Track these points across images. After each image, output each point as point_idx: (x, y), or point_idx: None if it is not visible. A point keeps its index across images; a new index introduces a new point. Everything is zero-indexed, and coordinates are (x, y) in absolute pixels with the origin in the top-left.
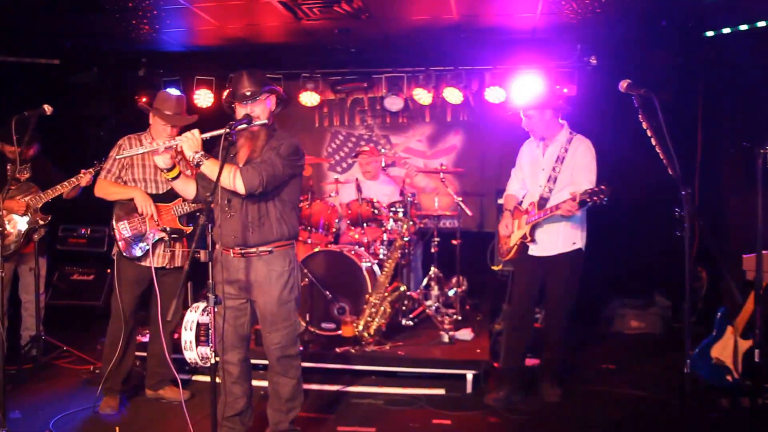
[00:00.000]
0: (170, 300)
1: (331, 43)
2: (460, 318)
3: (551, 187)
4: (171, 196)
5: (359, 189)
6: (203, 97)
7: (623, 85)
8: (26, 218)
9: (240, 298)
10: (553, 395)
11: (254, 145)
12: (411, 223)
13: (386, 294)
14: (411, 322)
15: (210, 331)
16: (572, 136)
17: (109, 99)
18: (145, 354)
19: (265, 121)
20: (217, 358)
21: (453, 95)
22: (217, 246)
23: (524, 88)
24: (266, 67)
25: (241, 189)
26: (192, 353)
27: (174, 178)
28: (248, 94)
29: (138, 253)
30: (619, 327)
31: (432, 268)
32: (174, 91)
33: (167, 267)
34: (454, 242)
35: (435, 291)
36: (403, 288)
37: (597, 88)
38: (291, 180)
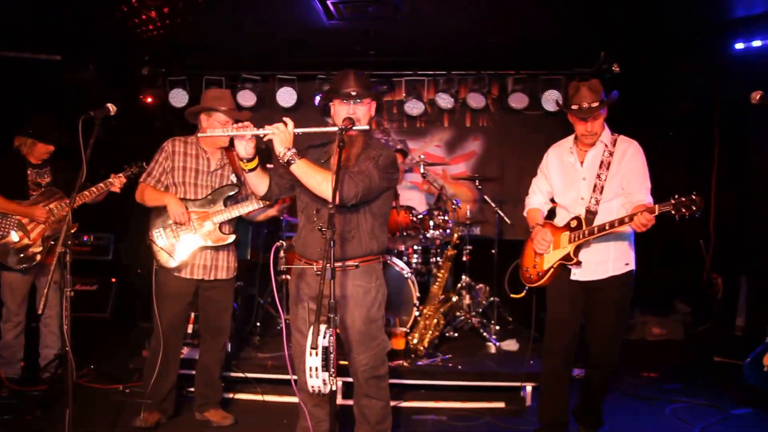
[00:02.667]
0: (221, 315)
1: (350, 45)
2: (497, 327)
3: (598, 198)
4: (210, 202)
5: (396, 196)
6: None
7: (756, 96)
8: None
9: (323, 315)
10: None
11: (349, 152)
12: (458, 230)
13: (439, 305)
14: (455, 333)
15: (331, 355)
16: (615, 137)
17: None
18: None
19: (367, 126)
20: (333, 385)
21: (476, 100)
22: (296, 259)
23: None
24: (280, 68)
25: (336, 199)
26: (317, 381)
27: (252, 170)
28: (353, 94)
29: (174, 263)
30: (640, 334)
31: (463, 277)
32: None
33: (208, 279)
34: (493, 251)
35: (467, 300)
36: (455, 299)
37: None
38: (384, 193)
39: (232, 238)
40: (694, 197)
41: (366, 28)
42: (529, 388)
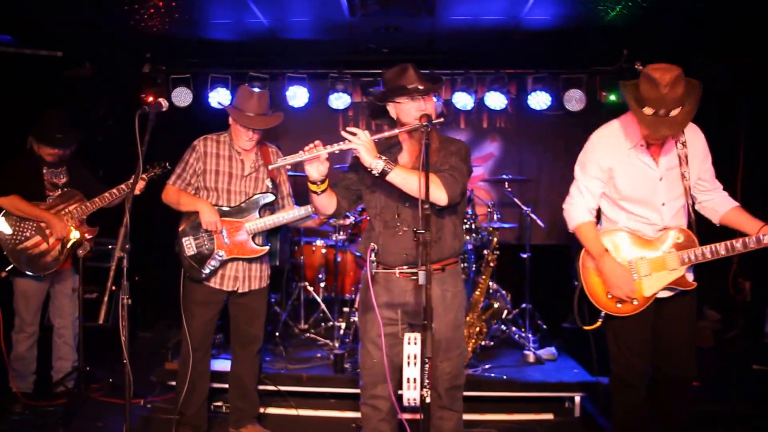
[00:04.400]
0: (253, 323)
1: (365, 42)
2: (530, 335)
3: (688, 202)
4: (244, 210)
5: None
6: (219, 97)
7: None
8: (73, 231)
9: (401, 324)
10: None
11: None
12: (497, 234)
13: (481, 312)
14: (491, 342)
15: (427, 365)
16: None
17: (107, 97)
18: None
19: (442, 119)
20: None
21: (496, 100)
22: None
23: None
24: (289, 65)
25: (442, 200)
26: (415, 392)
27: (322, 192)
28: (421, 88)
29: (203, 274)
30: None
31: (490, 283)
32: (249, 88)
33: (239, 290)
34: (524, 255)
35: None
36: (497, 305)
37: None
38: None
39: (266, 249)
40: None
41: (387, 24)
42: (577, 398)
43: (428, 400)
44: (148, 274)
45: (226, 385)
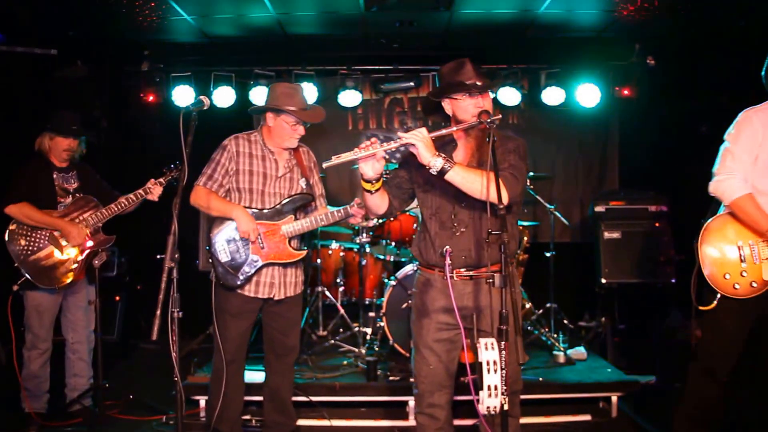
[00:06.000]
0: (289, 332)
1: (375, 37)
2: (555, 335)
3: None
4: (280, 213)
5: None
6: (223, 96)
7: None
8: (87, 240)
9: (456, 328)
10: None
11: (484, 147)
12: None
13: None
14: None
15: (503, 371)
16: None
17: (103, 97)
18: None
19: (500, 116)
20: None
21: (509, 96)
22: (423, 269)
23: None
24: (297, 62)
25: (504, 199)
26: (495, 400)
27: (377, 190)
28: (479, 84)
29: (238, 281)
30: (683, 337)
31: None
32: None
33: (275, 298)
34: (547, 254)
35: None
36: (528, 305)
37: (654, 89)
38: None
39: (303, 253)
40: None
41: (402, 18)
42: (614, 398)
43: (507, 407)
44: (153, 284)
45: (255, 398)
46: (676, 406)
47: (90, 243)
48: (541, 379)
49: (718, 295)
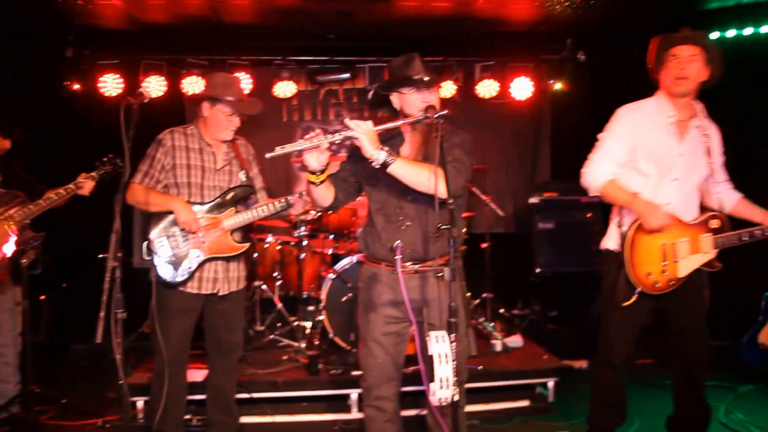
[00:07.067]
0: (233, 330)
1: (311, 28)
2: (492, 324)
3: (713, 184)
4: (220, 205)
5: None
6: (154, 85)
7: None
8: (12, 237)
9: (403, 321)
10: None
11: (429, 141)
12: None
13: None
14: None
15: (454, 363)
16: (708, 118)
17: (22, 88)
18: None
19: (447, 111)
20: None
21: (445, 88)
22: (369, 263)
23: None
24: (231, 51)
25: (444, 193)
26: (448, 392)
27: (321, 182)
28: (427, 79)
29: (180, 277)
30: None
31: None
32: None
33: (219, 294)
34: (483, 245)
35: None
36: (467, 295)
37: (585, 83)
38: None
39: (246, 246)
40: None
41: (341, 9)
42: (551, 384)
43: (457, 398)
44: (79, 282)
45: (195, 397)
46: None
47: (14, 239)
48: (480, 367)
49: (637, 291)
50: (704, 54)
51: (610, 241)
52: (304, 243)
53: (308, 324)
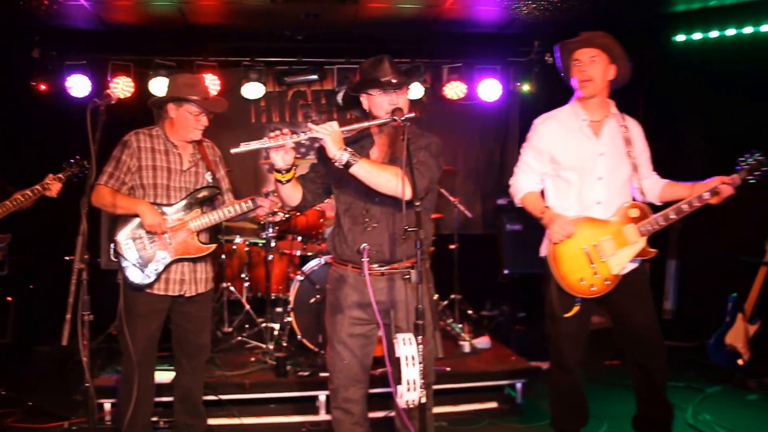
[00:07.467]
0: (200, 331)
1: (279, 29)
2: (460, 325)
3: (638, 177)
4: (186, 207)
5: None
6: (122, 86)
7: None
8: None
9: (370, 323)
10: None
11: (396, 143)
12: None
13: None
14: None
15: (421, 365)
16: (623, 114)
17: None
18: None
19: (414, 114)
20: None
21: (412, 89)
22: (336, 264)
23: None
24: (199, 52)
25: (407, 194)
26: (415, 394)
27: (288, 181)
28: (395, 81)
29: (147, 279)
30: None
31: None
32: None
33: (185, 295)
34: (452, 246)
35: None
36: (435, 297)
37: (553, 85)
38: None
39: (212, 247)
40: (759, 157)
41: (309, 11)
42: (518, 385)
43: (424, 400)
44: (46, 284)
45: (162, 399)
46: None
47: None
48: (448, 369)
49: (578, 299)
50: (605, 54)
51: (544, 249)
52: (272, 244)
53: (276, 325)
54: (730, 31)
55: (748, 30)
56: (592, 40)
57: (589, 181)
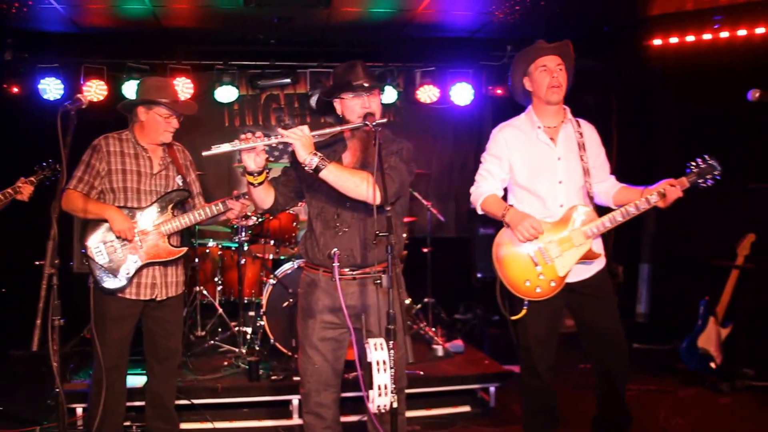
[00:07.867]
0: (172, 336)
1: (252, 33)
2: (434, 329)
3: (589, 181)
4: (156, 211)
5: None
6: (95, 90)
7: (755, 94)
8: None
9: (341, 328)
10: None
11: (368, 148)
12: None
13: None
14: None
15: (392, 370)
16: (578, 119)
17: None
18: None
19: (386, 119)
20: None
21: (385, 94)
22: (308, 269)
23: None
24: (172, 56)
25: (377, 199)
26: (386, 399)
27: (260, 184)
28: (367, 85)
29: (119, 283)
30: None
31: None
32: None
33: (157, 299)
34: (425, 250)
35: None
36: (408, 300)
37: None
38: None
39: (183, 250)
40: (710, 161)
41: (281, 14)
42: (492, 389)
43: (396, 404)
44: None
45: (135, 403)
46: None
47: None
48: (421, 373)
49: (526, 302)
50: (565, 63)
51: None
52: (245, 248)
53: (249, 329)
54: (707, 36)
55: (724, 34)
56: (560, 48)
57: (551, 186)
